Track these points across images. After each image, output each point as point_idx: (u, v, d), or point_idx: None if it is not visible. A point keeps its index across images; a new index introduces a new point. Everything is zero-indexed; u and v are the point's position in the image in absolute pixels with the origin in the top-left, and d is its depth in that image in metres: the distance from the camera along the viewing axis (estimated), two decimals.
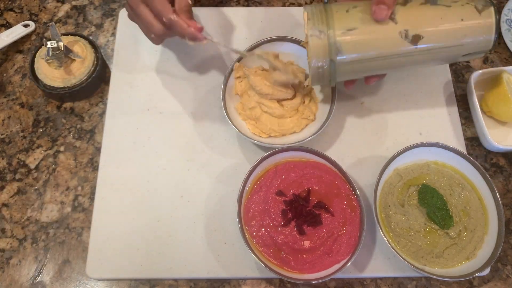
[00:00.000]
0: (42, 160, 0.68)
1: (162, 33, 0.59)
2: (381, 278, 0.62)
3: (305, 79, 0.67)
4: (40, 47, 0.71)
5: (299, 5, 0.81)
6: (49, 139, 0.69)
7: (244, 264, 0.61)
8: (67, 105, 0.72)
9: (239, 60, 0.69)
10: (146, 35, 0.63)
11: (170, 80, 0.72)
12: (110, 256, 0.61)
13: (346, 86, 0.66)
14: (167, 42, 0.75)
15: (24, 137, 0.70)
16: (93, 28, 0.78)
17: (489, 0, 0.57)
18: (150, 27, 0.60)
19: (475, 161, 0.63)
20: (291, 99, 0.67)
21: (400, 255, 0.57)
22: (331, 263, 0.57)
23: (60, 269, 0.62)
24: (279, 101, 0.66)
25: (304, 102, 0.68)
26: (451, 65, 0.76)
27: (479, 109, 0.67)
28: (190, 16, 0.60)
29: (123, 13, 0.77)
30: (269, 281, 0.62)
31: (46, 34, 0.77)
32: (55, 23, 0.78)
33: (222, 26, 0.76)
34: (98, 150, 0.68)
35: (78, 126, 0.70)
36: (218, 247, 0.62)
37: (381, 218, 0.61)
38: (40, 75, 0.69)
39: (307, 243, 0.58)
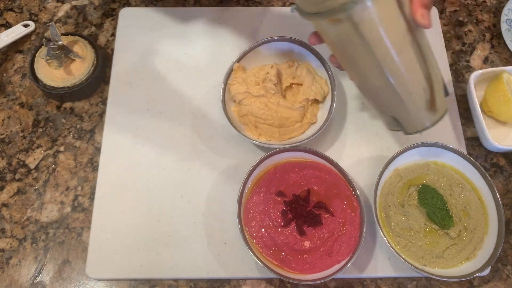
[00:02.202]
0: (42, 160, 0.68)
1: None
2: (381, 278, 0.62)
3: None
4: (40, 47, 0.71)
5: None
6: (49, 139, 0.69)
7: (244, 264, 0.61)
8: (67, 105, 0.72)
9: (238, 60, 0.69)
10: None
11: (170, 80, 0.72)
12: (110, 256, 0.61)
13: (311, 37, 0.57)
14: (167, 42, 0.75)
15: (24, 137, 0.70)
16: (93, 28, 0.78)
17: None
18: None
19: (475, 161, 0.63)
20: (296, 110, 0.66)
21: (400, 255, 0.57)
22: (331, 264, 0.57)
23: (60, 269, 0.62)
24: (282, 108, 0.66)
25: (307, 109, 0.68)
26: (451, 65, 0.76)
27: (479, 109, 0.67)
28: None
29: (123, 13, 0.77)
30: (269, 281, 0.62)
31: (46, 34, 0.77)
32: (55, 23, 0.78)
33: (222, 26, 0.76)
34: (98, 150, 0.68)
35: (78, 126, 0.70)
36: (218, 247, 0.62)
37: (381, 218, 0.61)
38: (40, 75, 0.69)
39: (307, 244, 0.58)
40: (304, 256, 0.58)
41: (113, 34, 0.77)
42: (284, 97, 0.67)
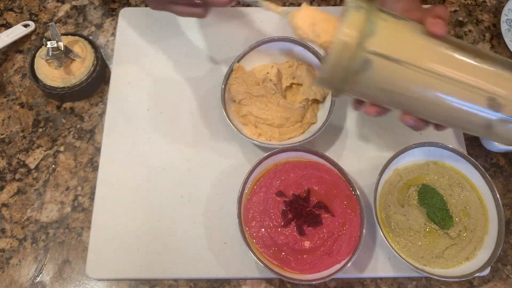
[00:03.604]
0: (42, 160, 0.68)
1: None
2: (381, 278, 0.62)
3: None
4: (40, 47, 0.71)
5: (299, 5, 0.80)
6: (49, 139, 0.69)
7: (244, 264, 0.61)
8: (67, 105, 0.72)
9: (238, 60, 0.69)
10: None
11: (170, 80, 0.72)
12: (110, 256, 0.61)
13: (355, 105, 0.57)
14: (167, 41, 0.75)
15: (24, 137, 0.70)
16: (93, 28, 0.78)
17: None
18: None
19: (475, 161, 0.63)
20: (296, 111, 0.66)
21: (400, 255, 0.57)
22: (331, 263, 0.57)
23: (60, 269, 0.62)
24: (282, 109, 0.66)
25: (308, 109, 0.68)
26: None
27: None
28: None
29: (123, 13, 0.77)
30: (269, 281, 0.62)
31: (46, 34, 0.77)
32: (55, 23, 0.78)
33: (222, 26, 0.76)
34: (98, 150, 0.68)
35: (78, 126, 0.70)
36: (218, 247, 0.62)
37: (381, 218, 0.61)
38: (40, 75, 0.69)
39: (307, 244, 0.58)
40: (304, 256, 0.58)
41: (113, 34, 0.77)
42: (284, 97, 0.67)
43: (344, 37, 0.45)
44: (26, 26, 0.77)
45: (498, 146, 0.65)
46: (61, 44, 0.67)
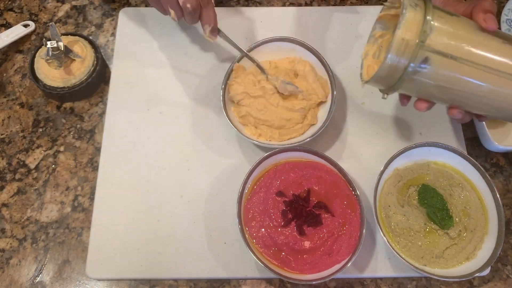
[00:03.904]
0: (42, 160, 0.68)
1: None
2: (381, 278, 0.62)
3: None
4: (40, 47, 0.71)
5: (299, 5, 0.81)
6: (49, 139, 0.69)
7: (244, 264, 0.61)
8: (67, 105, 0.72)
9: (239, 60, 0.69)
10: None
11: (170, 80, 0.72)
12: (110, 256, 0.61)
13: (402, 101, 0.58)
14: (167, 41, 0.75)
15: (24, 137, 0.70)
16: (93, 28, 0.78)
17: None
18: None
19: (475, 161, 0.63)
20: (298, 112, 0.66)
21: (400, 255, 0.57)
22: (331, 263, 0.57)
23: (60, 269, 0.62)
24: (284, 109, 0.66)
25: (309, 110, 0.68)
26: None
27: None
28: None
29: (123, 13, 0.77)
30: (269, 281, 0.62)
31: (46, 34, 0.77)
32: (55, 23, 0.78)
33: (222, 26, 0.76)
34: (98, 150, 0.68)
35: (78, 126, 0.70)
36: (218, 247, 0.62)
37: (381, 218, 0.61)
38: (40, 75, 0.69)
39: (307, 244, 0.58)
40: (304, 256, 0.58)
41: (113, 34, 0.77)
42: (284, 98, 0.67)
43: (404, 36, 0.46)
44: (26, 26, 0.77)
45: (498, 146, 0.65)
46: (61, 44, 0.67)
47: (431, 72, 0.48)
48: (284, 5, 0.81)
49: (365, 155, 0.68)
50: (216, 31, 0.64)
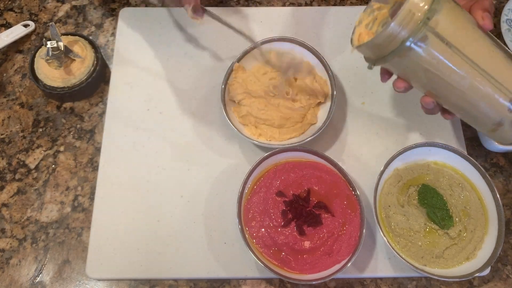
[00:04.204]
0: (42, 160, 0.68)
1: None
2: (381, 278, 0.62)
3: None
4: (40, 47, 0.71)
5: (299, 5, 0.81)
6: (49, 139, 0.69)
7: (244, 264, 0.61)
8: (67, 105, 0.72)
9: (238, 60, 0.69)
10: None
11: (170, 80, 0.72)
12: (110, 256, 0.61)
13: (382, 76, 0.57)
14: (167, 41, 0.75)
15: (24, 137, 0.70)
16: (93, 28, 0.78)
17: None
18: None
19: (475, 161, 0.63)
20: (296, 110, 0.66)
21: (400, 255, 0.57)
22: (331, 263, 0.57)
23: (60, 269, 0.62)
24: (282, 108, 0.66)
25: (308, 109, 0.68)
26: None
27: None
28: None
29: (123, 13, 0.77)
30: (269, 281, 0.62)
31: (46, 34, 0.77)
32: (55, 23, 0.78)
33: (222, 26, 0.76)
34: (98, 150, 0.68)
35: (78, 126, 0.70)
36: (218, 247, 0.62)
37: (381, 218, 0.61)
38: (40, 75, 0.69)
39: (307, 244, 0.58)
40: (304, 256, 0.58)
41: (113, 34, 0.77)
42: (289, 98, 0.67)
43: (414, 8, 0.45)
44: (26, 26, 0.77)
45: (498, 146, 0.65)
46: (61, 44, 0.67)
47: (424, 53, 0.48)
48: (284, 5, 0.81)
49: (365, 155, 0.68)
50: (199, 10, 0.62)
